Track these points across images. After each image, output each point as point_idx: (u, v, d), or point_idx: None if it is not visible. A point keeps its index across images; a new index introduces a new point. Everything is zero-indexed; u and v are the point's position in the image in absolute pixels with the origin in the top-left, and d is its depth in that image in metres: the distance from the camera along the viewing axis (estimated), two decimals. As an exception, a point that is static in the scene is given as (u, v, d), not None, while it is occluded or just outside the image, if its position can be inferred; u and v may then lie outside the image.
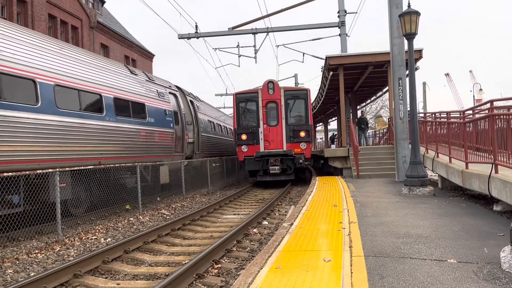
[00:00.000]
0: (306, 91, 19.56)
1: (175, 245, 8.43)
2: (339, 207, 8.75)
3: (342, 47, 23.51)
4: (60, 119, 9.94)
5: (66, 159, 10.16)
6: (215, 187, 19.22)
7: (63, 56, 10.74)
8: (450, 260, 4.71)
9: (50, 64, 10.00)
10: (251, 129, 19.00)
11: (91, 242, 8.60)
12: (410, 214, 7.70)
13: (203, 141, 20.49)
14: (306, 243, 5.74)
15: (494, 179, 7.31)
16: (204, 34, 24.24)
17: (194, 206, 14.02)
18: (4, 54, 8.70)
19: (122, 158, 12.47)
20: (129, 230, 9.92)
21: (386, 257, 4.92)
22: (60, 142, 9.93)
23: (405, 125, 13.75)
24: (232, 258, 7.13)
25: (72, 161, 10.34)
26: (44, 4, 22.50)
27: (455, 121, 10.81)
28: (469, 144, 9.19)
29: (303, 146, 18.81)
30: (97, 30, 27.87)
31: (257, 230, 9.29)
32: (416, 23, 10.33)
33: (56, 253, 7.72)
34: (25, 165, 8.89)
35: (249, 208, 13.17)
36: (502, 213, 7.47)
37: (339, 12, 23.45)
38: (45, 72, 9.70)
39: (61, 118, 9.98)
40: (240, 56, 26.19)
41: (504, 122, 7.33)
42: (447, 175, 10.63)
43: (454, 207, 8.47)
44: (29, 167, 8.87)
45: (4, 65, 8.61)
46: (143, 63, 35.29)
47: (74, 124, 10.40)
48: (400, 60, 13.60)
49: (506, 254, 4.27)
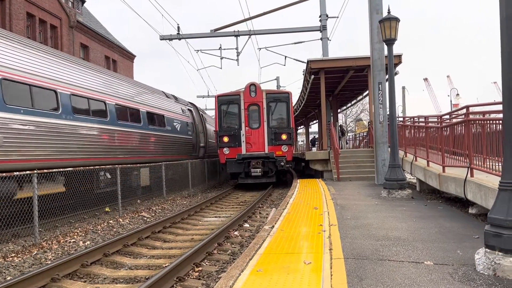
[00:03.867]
0: (288, 94, 19.69)
1: (156, 248, 8.38)
2: (319, 210, 8.84)
3: (324, 51, 23.75)
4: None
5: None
6: (196, 190, 19.14)
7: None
8: (426, 262, 4.82)
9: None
10: (233, 131, 19.01)
11: (69, 245, 8.47)
12: (389, 217, 7.83)
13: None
14: (287, 246, 5.79)
15: (469, 182, 7.51)
16: (186, 35, 24.17)
17: (175, 209, 13.94)
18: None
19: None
20: (108, 233, 9.80)
21: (365, 259, 5.00)
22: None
23: (384, 128, 13.97)
24: (213, 261, 7.13)
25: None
26: (22, 2, 22.05)
27: (433, 126, 11.04)
28: (446, 148, 9.41)
29: (284, 149, 18.91)
30: (77, 29, 27.45)
31: (239, 233, 9.30)
32: (395, 29, 10.53)
33: (33, 256, 7.58)
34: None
35: (231, 211, 13.17)
36: (477, 215, 7.67)
37: (320, 16, 23.69)
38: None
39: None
40: (222, 58, 26.24)
41: (479, 127, 7.54)
42: (425, 178, 10.85)
43: (432, 209, 8.66)
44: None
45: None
46: (123, 63, 34.90)
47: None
48: (380, 64, 13.83)
49: (481, 256, 4.40)
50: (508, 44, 4.21)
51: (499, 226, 4.17)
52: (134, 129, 15.09)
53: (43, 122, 10.14)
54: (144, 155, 15.70)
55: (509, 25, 4.20)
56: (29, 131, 9.67)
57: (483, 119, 7.70)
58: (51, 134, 10.39)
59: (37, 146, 9.88)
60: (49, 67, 10.87)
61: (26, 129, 9.58)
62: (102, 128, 12.82)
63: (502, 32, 4.27)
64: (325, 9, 23.68)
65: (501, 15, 4.28)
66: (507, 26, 4.21)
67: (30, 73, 10.01)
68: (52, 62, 11.22)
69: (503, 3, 4.25)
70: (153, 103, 17.45)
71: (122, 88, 15.13)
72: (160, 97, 18.92)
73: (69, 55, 13.56)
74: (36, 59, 10.49)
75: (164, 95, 19.63)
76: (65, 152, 10.94)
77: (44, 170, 9.22)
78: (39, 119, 10.00)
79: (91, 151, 12.14)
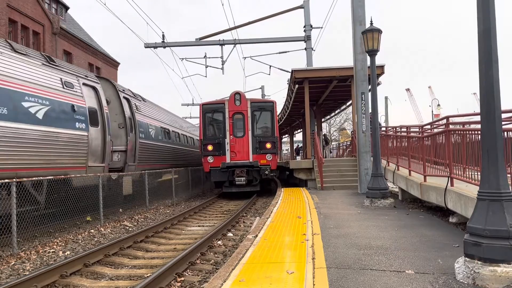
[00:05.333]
0: (272, 103, 19.78)
1: (138, 257, 8.26)
2: (303, 219, 8.86)
3: (308, 60, 23.98)
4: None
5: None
6: (179, 198, 18.99)
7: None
8: (408, 271, 4.86)
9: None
10: (217, 140, 18.98)
11: (48, 256, 8.29)
12: (372, 226, 7.89)
13: (145, 150, 16.86)
14: (270, 255, 5.77)
15: (450, 191, 7.62)
16: (171, 44, 24.13)
17: (158, 218, 13.80)
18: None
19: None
20: (89, 243, 9.63)
21: (347, 268, 5.02)
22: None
23: (367, 138, 14.13)
24: (196, 271, 7.06)
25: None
26: (4, 8, 21.75)
27: (414, 136, 11.22)
28: (428, 157, 9.55)
29: (269, 158, 18.94)
30: (60, 36, 27.16)
31: (222, 242, 9.25)
32: (378, 40, 10.70)
33: (11, 267, 7.39)
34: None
35: (214, 220, 13.10)
36: (458, 224, 7.78)
37: (305, 26, 23.95)
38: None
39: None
40: (207, 67, 26.19)
41: (459, 137, 7.69)
42: (407, 187, 10.98)
43: (413, 218, 8.76)
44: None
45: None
46: (108, 71, 34.61)
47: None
48: (363, 75, 14.02)
49: (460, 265, 4.46)
50: (485, 56, 4.32)
51: (478, 235, 4.24)
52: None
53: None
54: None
55: (485, 39, 4.32)
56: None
57: (462, 129, 7.87)
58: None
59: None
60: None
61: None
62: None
63: (479, 45, 4.39)
64: (309, 19, 23.96)
65: (478, 28, 4.40)
66: (484, 40, 4.33)
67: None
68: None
69: (480, 18, 4.37)
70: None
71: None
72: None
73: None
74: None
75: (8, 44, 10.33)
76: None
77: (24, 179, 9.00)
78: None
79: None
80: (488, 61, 4.30)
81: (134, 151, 15.97)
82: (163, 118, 21.39)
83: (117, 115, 15.16)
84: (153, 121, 18.78)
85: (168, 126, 21.61)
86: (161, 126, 20.04)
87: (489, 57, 4.29)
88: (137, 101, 17.42)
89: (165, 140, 20.25)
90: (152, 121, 18.72)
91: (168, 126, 21.52)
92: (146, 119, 17.75)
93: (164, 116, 21.94)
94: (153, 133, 18.47)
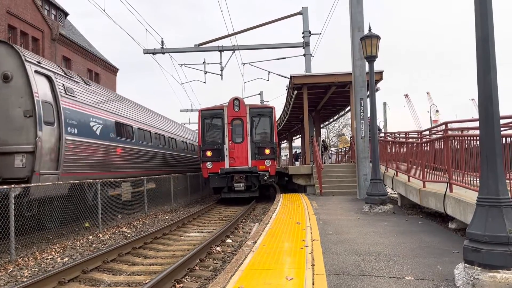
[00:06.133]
0: (271, 109, 19.81)
1: (136, 264, 8.22)
2: (302, 225, 8.84)
3: (307, 66, 24.07)
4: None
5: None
6: (178, 204, 18.95)
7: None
8: (407, 278, 4.84)
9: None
10: (216, 145, 18.97)
11: (46, 262, 8.24)
12: (371, 232, 7.87)
13: (82, 152, 12.44)
14: (269, 261, 5.75)
15: (449, 197, 7.62)
16: (170, 50, 24.20)
17: (157, 224, 13.75)
18: None
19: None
20: (88, 249, 9.59)
21: (347, 275, 5.01)
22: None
23: (366, 144, 14.14)
24: (195, 277, 7.03)
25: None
26: (4, 14, 21.81)
27: (413, 141, 11.22)
28: (426, 163, 9.56)
29: (267, 163, 18.93)
30: (59, 42, 27.23)
31: (221, 249, 9.21)
32: (376, 46, 10.75)
33: (9, 274, 7.36)
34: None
35: (213, 226, 13.06)
36: (457, 230, 7.77)
37: (303, 33, 24.06)
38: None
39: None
40: (206, 73, 26.27)
41: (458, 143, 7.70)
42: (406, 193, 10.98)
43: (412, 224, 8.75)
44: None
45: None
46: (107, 77, 34.66)
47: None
48: (361, 81, 14.06)
49: (460, 271, 4.45)
50: (483, 62, 4.34)
51: (477, 241, 4.24)
52: None
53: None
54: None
55: (484, 46, 4.34)
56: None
57: (461, 135, 7.87)
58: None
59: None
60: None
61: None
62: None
63: (478, 51, 4.41)
64: (308, 26, 24.08)
65: (477, 35, 4.42)
66: (482, 46, 4.35)
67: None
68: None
69: (478, 25, 4.39)
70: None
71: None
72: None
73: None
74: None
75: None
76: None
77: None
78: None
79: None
80: (486, 67, 4.32)
81: (58, 153, 11.12)
82: (131, 114, 17.53)
83: (23, 98, 10.38)
84: (102, 113, 14.22)
85: (140, 125, 17.94)
86: (120, 121, 15.58)
87: (488, 63, 4.31)
88: (70, 82, 12.60)
89: (126, 141, 15.93)
90: (101, 113, 14.13)
91: (139, 125, 17.76)
92: (87, 109, 13.09)
93: (135, 113, 18.24)
94: (100, 129, 13.78)
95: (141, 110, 19.80)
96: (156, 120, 21.74)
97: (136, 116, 18.14)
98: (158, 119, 22.25)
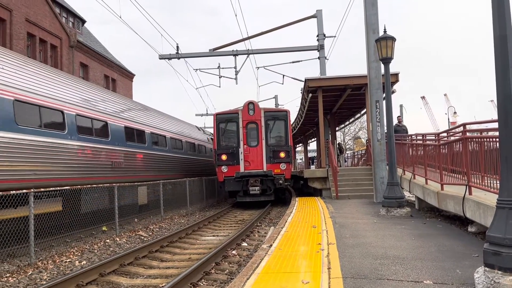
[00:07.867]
0: (286, 112, 19.78)
1: (153, 267, 8.28)
2: (318, 228, 8.78)
3: (321, 69, 23.96)
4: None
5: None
6: (194, 208, 19.02)
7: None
8: (426, 281, 4.76)
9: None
10: (231, 149, 19.02)
11: (65, 265, 8.36)
12: (388, 235, 7.77)
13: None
14: (285, 265, 5.72)
15: (468, 200, 7.48)
16: (185, 54, 24.39)
17: (173, 228, 13.83)
18: None
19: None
20: (105, 253, 9.70)
21: (363, 278, 4.95)
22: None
23: (382, 147, 13.99)
24: (211, 280, 7.04)
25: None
26: (23, 22, 22.30)
27: (431, 144, 11.06)
28: (444, 166, 9.40)
29: (283, 167, 18.89)
30: (77, 49, 27.71)
31: (236, 252, 9.21)
32: (392, 48, 10.64)
33: (28, 276, 7.48)
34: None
35: (229, 230, 13.07)
36: (477, 234, 7.61)
37: (318, 35, 23.98)
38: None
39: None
40: (221, 77, 26.34)
41: (477, 144, 7.55)
42: (424, 196, 10.81)
43: (430, 228, 8.60)
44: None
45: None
46: (123, 82, 35.12)
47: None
48: (377, 83, 13.94)
49: (480, 275, 4.35)
50: (502, 62, 4.26)
51: (497, 244, 4.14)
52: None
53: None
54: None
55: (502, 45, 4.26)
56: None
57: (480, 137, 7.73)
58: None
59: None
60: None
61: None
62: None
63: (496, 51, 4.33)
64: (322, 28, 24.00)
65: (494, 34, 4.34)
66: (500, 45, 4.27)
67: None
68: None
69: (496, 24, 4.31)
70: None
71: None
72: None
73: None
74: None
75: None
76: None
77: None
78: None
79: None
80: (505, 67, 4.24)
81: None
82: (165, 126, 17.31)
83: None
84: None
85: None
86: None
87: (506, 62, 4.23)
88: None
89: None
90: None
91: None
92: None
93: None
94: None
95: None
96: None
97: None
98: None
